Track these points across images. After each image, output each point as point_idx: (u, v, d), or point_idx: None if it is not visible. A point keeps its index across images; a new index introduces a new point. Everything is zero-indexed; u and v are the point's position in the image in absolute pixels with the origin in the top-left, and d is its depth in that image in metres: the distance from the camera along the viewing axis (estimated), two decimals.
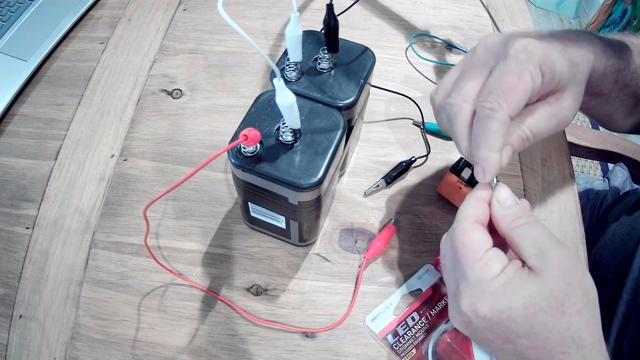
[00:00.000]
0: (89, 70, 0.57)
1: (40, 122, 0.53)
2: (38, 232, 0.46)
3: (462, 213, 0.29)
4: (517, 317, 0.25)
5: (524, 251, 0.27)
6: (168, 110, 0.54)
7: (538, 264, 0.26)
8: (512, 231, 0.28)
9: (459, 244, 0.28)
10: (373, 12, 0.64)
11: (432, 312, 0.42)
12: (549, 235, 0.27)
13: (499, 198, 0.29)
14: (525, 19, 0.65)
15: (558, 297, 0.25)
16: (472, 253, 0.27)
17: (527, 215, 0.28)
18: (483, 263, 0.27)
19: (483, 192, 0.30)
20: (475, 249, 0.27)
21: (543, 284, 0.25)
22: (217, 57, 0.58)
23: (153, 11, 0.63)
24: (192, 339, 0.41)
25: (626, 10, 1.70)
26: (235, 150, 0.33)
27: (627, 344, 0.47)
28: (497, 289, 0.26)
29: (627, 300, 0.48)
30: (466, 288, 0.27)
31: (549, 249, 0.26)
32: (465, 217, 0.29)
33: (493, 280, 0.26)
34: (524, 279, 0.26)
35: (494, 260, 0.27)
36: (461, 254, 0.28)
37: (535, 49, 0.29)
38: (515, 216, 0.28)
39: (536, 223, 0.28)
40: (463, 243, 0.28)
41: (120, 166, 0.50)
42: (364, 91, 0.38)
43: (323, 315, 0.42)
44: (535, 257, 0.26)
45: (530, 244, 0.27)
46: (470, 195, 0.31)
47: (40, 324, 0.41)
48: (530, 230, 0.27)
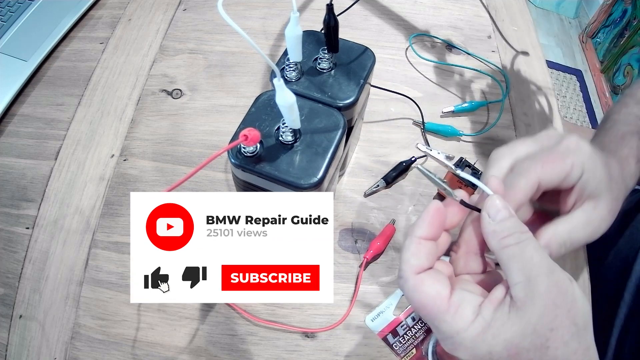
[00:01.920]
0: (89, 70, 0.57)
1: (40, 122, 0.53)
2: (38, 232, 0.46)
3: (404, 265, 0.27)
4: (499, 359, 0.24)
5: (511, 276, 0.25)
6: (168, 110, 0.54)
7: (523, 295, 0.24)
8: (501, 251, 0.26)
9: (417, 304, 0.26)
10: (373, 12, 0.64)
11: None
12: (540, 260, 0.25)
13: (490, 211, 0.27)
14: (525, 19, 0.65)
15: (542, 333, 0.24)
16: (436, 308, 0.25)
17: (520, 231, 0.26)
18: (452, 313, 0.25)
19: (421, 229, 0.27)
20: (436, 302, 0.25)
21: (526, 321, 0.24)
22: (217, 57, 0.58)
23: (153, 11, 0.63)
24: (192, 339, 0.41)
25: (626, 10, 1.70)
26: (235, 150, 0.33)
27: (628, 345, 0.46)
28: (476, 336, 0.24)
29: (629, 301, 0.48)
30: (443, 339, 0.26)
31: (537, 277, 0.24)
32: (409, 271, 0.26)
33: (470, 328, 0.25)
34: (504, 319, 0.24)
35: (462, 305, 0.25)
36: (425, 313, 0.26)
37: (586, 148, 0.31)
38: (506, 233, 0.26)
39: (528, 244, 0.25)
40: (421, 302, 0.26)
41: (120, 166, 0.50)
42: (364, 91, 0.38)
43: (323, 315, 0.42)
44: (520, 287, 0.24)
45: (518, 268, 0.25)
46: (409, 237, 0.27)
47: (40, 324, 0.41)
48: (522, 252, 0.25)
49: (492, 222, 0.26)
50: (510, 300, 0.25)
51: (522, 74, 0.59)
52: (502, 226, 0.26)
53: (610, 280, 0.52)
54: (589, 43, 1.90)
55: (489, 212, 0.27)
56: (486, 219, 0.27)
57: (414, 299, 0.26)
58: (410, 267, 0.26)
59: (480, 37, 0.62)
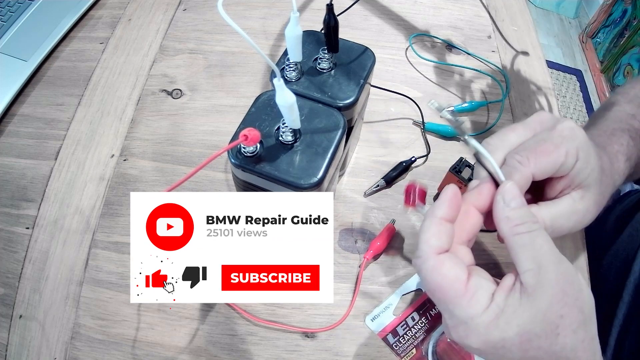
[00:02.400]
0: (89, 70, 0.57)
1: (40, 122, 0.53)
2: (38, 232, 0.46)
3: (424, 245, 0.26)
4: (512, 345, 0.25)
5: (521, 263, 0.25)
6: (168, 110, 0.54)
7: (533, 282, 0.25)
8: (513, 237, 0.26)
9: (434, 285, 0.26)
10: (373, 12, 0.64)
11: (432, 312, 0.42)
12: (549, 249, 0.25)
13: (505, 196, 0.27)
14: (525, 19, 0.65)
15: (552, 319, 0.24)
16: (453, 291, 0.25)
17: (532, 221, 0.26)
18: (468, 298, 0.25)
19: (441, 210, 0.27)
20: (455, 286, 0.25)
21: (537, 308, 0.24)
22: (217, 57, 0.58)
23: (153, 11, 0.63)
24: (192, 339, 0.41)
25: (626, 10, 1.70)
26: (235, 150, 0.33)
27: (628, 345, 0.46)
28: (490, 322, 0.25)
29: (628, 301, 0.48)
30: (456, 324, 0.26)
31: (547, 265, 0.25)
32: (429, 252, 0.26)
33: (484, 314, 0.25)
34: (516, 306, 0.25)
35: (479, 291, 0.25)
36: (441, 295, 0.26)
37: (580, 134, 0.30)
38: (519, 221, 0.26)
39: (539, 233, 0.26)
40: (438, 284, 0.26)
41: (120, 166, 0.50)
42: (364, 91, 0.38)
43: (323, 315, 0.42)
44: (531, 274, 0.25)
45: (529, 256, 0.25)
46: (429, 218, 0.27)
47: (40, 324, 0.41)
48: (532, 241, 0.25)
49: (506, 208, 0.27)
50: (521, 287, 0.25)
51: (522, 74, 0.59)
52: (516, 213, 0.26)
53: (610, 280, 0.52)
54: (589, 43, 1.90)
55: (504, 197, 0.27)
56: (500, 203, 0.27)
57: (432, 280, 0.26)
58: (430, 247, 0.26)
59: (480, 37, 0.62)
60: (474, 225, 0.29)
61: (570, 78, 1.82)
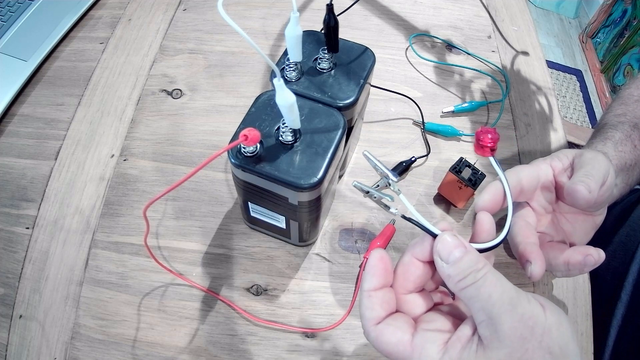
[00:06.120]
0: (89, 70, 0.57)
1: (40, 122, 0.53)
2: (38, 232, 0.46)
3: (362, 319, 0.27)
4: None
5: (474, 315, 0.25)
6: (168, 110, 0.54)
7: (488, 333, 0.23)
8: (459, 293, 0.25)
9: (383, 352, 0.26)
10: (373, 12, 0.64)
11: None
12: (500, 296, 0.24)
13: (442, 255, 0.25)
14: (525, 19, 0.65)
15: None
16: (400, 354, 0.25)
17: (476, 270, 0.24)
18: (417, 356, 0.25)
19: (367, 283, 0.27)
20: (399, 349, 0.25)
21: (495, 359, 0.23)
22: (217, 57, 0.58)
23: (153, 11, 0.63)
24: (192, 339, 0.41)
25: (626, 10, 1.70)
26: (235, 150, 0.33)
27: (626, 345, 0.46)
28: None
29: (626, 301, 0.48)
30: None
31: (499, 315, 0.23)
32: (367, 325, 0.26)
33: None
34: (472, 359, 0.24)
35: (426, 345, 0.25)
36: (393, 358, 0.26)
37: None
38: (460, 276, 0.24)
39: (484, 281, 0.24)
40: (385, 351, 0.26)
41: (120, 166, 0.50)
42: (364, 91, 0.38)
43: (323, 315, 0.42)
44: (484, 326, 0.24)
45: (479, 308, 0.24)
46: (360, 292, 0.27)
47: (40, 324, 0.41)
48: (478, 292, 0.24)
49: (445, 266, 0.25)
50: (478, 339, 0.24)
51: (522, 74, 0.59)
52: (456, 269, 0.25)
53: (607, 280, 0.52)
54: (589, 43, 1.90)
55: (440, 255, 0.25)
56: (439, 262, 0.26)
57: (379, 348, 0.26)
58: (367, 320, 0.26)
59: (480, 37, 0.62)
60: (420, 275, 0.28)
61: (570, 78, 1.82)
